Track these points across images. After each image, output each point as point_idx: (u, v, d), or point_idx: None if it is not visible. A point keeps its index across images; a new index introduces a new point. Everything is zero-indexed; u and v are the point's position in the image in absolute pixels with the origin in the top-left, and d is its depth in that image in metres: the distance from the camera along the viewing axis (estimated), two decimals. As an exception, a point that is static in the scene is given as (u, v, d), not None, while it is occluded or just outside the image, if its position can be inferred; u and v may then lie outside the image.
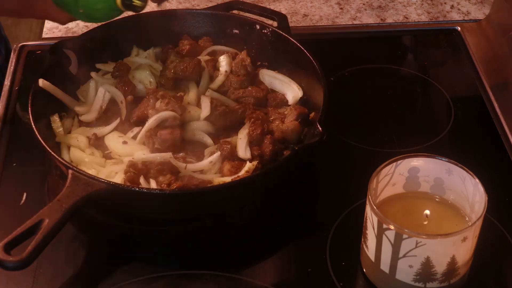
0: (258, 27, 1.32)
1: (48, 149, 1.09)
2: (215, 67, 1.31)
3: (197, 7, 1.55)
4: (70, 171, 1.04)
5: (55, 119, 1.20)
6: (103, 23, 1.28)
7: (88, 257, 1.08)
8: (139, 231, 1.12)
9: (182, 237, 1.12)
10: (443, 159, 1.01)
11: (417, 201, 1.03)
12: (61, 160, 1.08)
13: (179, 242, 1.11)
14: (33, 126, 1.11)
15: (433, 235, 0.93)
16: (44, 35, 1.50)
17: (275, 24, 1.33)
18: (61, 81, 1.23)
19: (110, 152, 1.18)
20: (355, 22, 1.53)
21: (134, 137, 1.19)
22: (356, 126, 1.30)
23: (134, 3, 1.18)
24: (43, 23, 1.56)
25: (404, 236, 0.92)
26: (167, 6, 1.55)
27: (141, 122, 1.20)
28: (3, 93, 1.33)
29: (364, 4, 1.58)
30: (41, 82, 1.19)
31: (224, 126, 1.21)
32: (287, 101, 1.26)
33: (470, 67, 1.41)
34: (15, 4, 1.11)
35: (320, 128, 1.08)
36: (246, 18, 1.35)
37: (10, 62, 1.41)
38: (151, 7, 1.52)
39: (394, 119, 1.32)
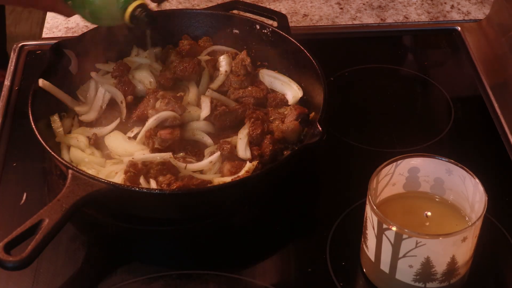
0: (258, 27, 1.32)
1: (48, 149, 1.09)
2: (215, 67, 1.30)
3: (197, 7, 1.54)
4: (70, 171, 1.03)
5: (55, 119, 1.20)
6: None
7: (88, 257, 1.08)
8: (139, 231, 1.12)
9: (182, 237, 1.12)
10: (443, 159, 1.01)
11: (417, 201, 1.03)
12: (61, 160, 1.08)
13: (179, 242, 1.11)
14: (33, 126, 1.11)
15: (433, 235, 0.93)
16: (44, 35, 1.50)
17: (275, 24, 1.33)
18: (61, 81, 1.23)
19: (110, 152, 1.18)
20: (355, 22, 1.53)
21: (134, 137, 1.19)
22: (356, 126, 1.30)
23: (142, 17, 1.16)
24: (43, 23, 1.56)
25: (404, 236, 0.92)
26: (167, 6, 1.55)
27: (141, 122, 1.20)
28: (3, 93, 1.33)
29: (364, 4, 1.57)
30: (41, 82, 1.19)
31: (224, 126, 1.21)
32: (287, 101, 1.26)
33: (470, 67, 1.41)
34: None
35: (320, 128, 1.08)
36: (246, 18, 1.35)
37: (10, 62, 1.41)
38: (151, 7, 1.52)
39: (394, 119, 1.31)
